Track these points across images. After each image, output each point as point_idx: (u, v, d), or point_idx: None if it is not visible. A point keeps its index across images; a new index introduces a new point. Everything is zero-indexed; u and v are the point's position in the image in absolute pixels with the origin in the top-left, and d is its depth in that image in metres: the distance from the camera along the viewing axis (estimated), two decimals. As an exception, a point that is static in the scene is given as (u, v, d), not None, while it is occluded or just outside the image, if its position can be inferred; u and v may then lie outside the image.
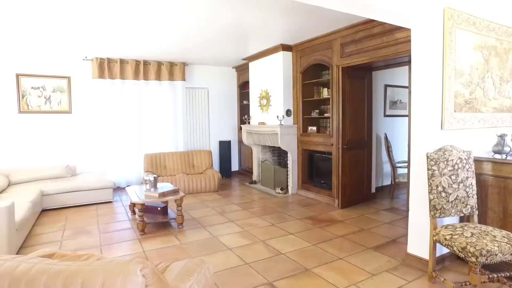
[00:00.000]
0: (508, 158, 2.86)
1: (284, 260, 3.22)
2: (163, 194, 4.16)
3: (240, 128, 7.45)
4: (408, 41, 3.51)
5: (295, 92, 5.81)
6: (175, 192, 4.34)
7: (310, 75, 5.64)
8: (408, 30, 3.17)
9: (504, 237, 2.36)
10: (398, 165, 5.58)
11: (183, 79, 7.06)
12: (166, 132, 7.07)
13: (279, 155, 6.67)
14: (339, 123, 4.92)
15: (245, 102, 7.60)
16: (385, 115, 6.00)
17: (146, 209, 4.37)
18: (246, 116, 7.05)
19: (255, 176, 6.91)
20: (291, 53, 5.82)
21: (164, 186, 4.54)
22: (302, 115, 5.72)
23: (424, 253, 2.94)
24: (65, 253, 1.67)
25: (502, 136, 2.97)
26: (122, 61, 6.49)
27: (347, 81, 4.92)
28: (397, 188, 5.59)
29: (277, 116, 5.75)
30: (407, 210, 3.18)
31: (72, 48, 5.54)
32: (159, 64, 6.84)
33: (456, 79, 3.00)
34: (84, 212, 4.97)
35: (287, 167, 5.96)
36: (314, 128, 5.60)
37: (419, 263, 3.00)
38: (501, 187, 2.82)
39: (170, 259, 3.20)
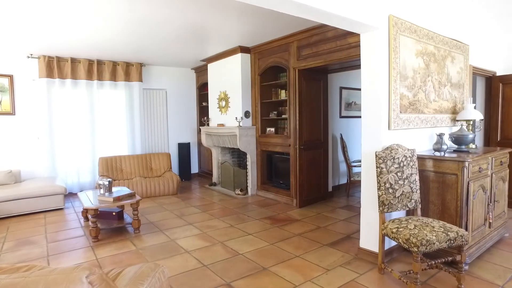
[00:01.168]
0: (445, 155, 3.11)
1: (242, 260, 3.24)
2: (118, 198, 4.01)
3: (199, 130, 7.38)
4: (359, 45, 3.68)
5: (253, 94, 5.87)
6: (131, 196, 4.20)
7: (268, 77, 5.73)
8: (359, 35, 3.33)
9: (441, 227, 2.56)
10: (353, 164, 5.82)
11: (140, 80, 6.85)
12: (123, 135, 6.82)
13: (239, 156, 6.69)
14: (296, 124, 5.04)
15: (204, 103, 7.54)
16: (341, 116, 6.24)
17: (101, 214, 4.19)
18: (205, 117, 7.00)
19: (215, 178, 6.87)
20: (249, 55, 5.87)
21: (120, 190, 4.37)
22: (260, 116, 5.79)
23: (375, 247, 3.10)
24: (0, 266, 1.55)
25: (440, 135, 3.23)
26: (74, 60, 6.16)
27: (303, 83, 5.06)
28: (353, 186, 5.84)
29: (236, 118, 5.77)
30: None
31: (13, 44, 5.16)
32: (114, 64, 6.58)
33: (401, 82, 3.21)
34: (30, 221, 4.65)
35: (247, 168, 6.00)
36: (273, 129, 5.70)
37: (370, 256, 3.16)
38: (440, 181, 3.06)
39: (125, 265, 3.09)
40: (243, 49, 5.77)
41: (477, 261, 3.08)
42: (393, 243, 3.21)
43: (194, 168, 8.10)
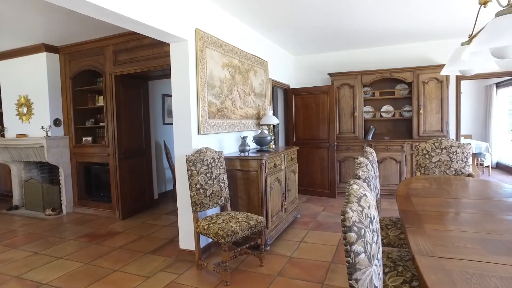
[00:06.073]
0: (249, 155, 3.60)
1: (46, 290, 2.81)
2: None
3: (-7, 143, 5.96)
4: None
5: (65, 100, 5.21)
6: None
7: (82, 81, 5.20)
8: (173, 44, 3.46)
9: (244, 217, 2.96)
10: (179, 169, 5.95)
11: None
12: None
13: (50, 171, 5.77)
14: (114, 132, 4.77)
15: (-2, 110, 6.14)
16: (164, 123, 6.29)
17: None
18: None
19: (16, 200, 5.67)
20: (58, 56, 5.19)
21: None
22: (74, 124, 5.18)
23: (193, 246, 3.26)
24: None
25: (244, 138, 3.72)
26: None
27: (121, 89, 4.84)
28: (180, 191, 5.95)
29: (43, 127, 4.97)
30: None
31: None
32: None
33: (209, 90, 3.52)
34: None
35: (60, 184, 5.24)
36: (90, 138, 5.20)
37: (190, 255, 3.31)
38: (245, 178, 3.52)
39: None
40: (50, 48, 5.05)
41: (277, 241, 3.70)
42: (210, 239, 3.47)
43: (-14, 191, 6.47)
